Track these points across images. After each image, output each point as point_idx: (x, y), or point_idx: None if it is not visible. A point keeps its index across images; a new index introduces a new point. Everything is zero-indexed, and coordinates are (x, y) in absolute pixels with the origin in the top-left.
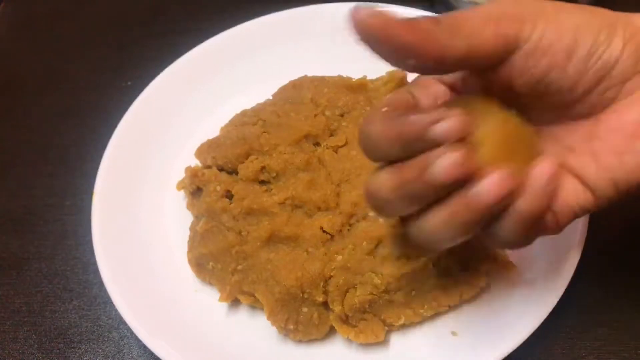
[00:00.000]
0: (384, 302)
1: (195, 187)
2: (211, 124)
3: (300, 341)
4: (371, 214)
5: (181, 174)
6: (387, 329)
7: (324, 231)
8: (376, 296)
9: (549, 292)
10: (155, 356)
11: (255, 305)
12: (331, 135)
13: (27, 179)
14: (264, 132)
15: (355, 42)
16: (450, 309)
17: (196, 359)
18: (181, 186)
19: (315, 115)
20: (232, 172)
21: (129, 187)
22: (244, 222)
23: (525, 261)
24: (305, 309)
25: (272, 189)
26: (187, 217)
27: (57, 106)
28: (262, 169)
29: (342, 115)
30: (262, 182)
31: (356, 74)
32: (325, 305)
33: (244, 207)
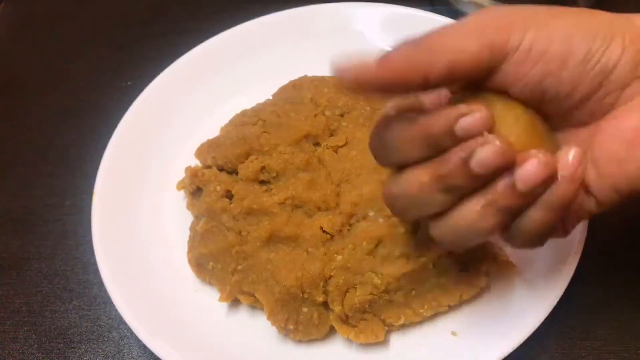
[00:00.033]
0: (384, 302)
1: (195, 187)
2: (211, 124)
3: (300, 341)
4: (371, 213)
5: (181, 174)
6: (387, 329)
7: (324, 231)
8: (376, 296)
9: (549, 292)
10: (155, 356)
11: (255, 305)
12: (331, 135)
13: (27, 179)
14: (264, 132)
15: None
16: (450, 309)
17: (196, 359)
18: (181, 186)
19: (315, 115)
20: (232, 172)
21: (129, 187)
22: (244, 222)
23: (525, 261)
24: (305, 309)
25: (272, 189)
26: (187, 217)
27: (57, 106)
28: (262, 169)
29: (342, 115)
30: (262, 182)
31: None
32: (325, 305)
33: (244, 207)
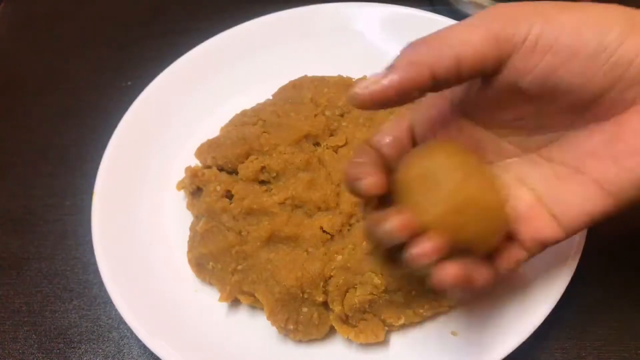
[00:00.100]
0: (384, 302)
1: (195, 187)
2: (211, 124)
3: (300, 341)
4: None
5: (181, 174)
6: (387, 329)
7: (324, 231)
8: (376, 296)
9: (549, 292)
10: (155, 356)
11: (255, 305)
12: (331, 135)
13: (27, 179)
14: (264, 132)
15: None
16: (450, 309)
17: (196, 359)
18: (181, 186)
19: (315, 115)
20: (232, 172)
21: (129, 187)
22: (244, 222)
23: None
24: (305, 309)
25: (272, 189)
26: (187, 217)
27: (57, 106)
28: (262, 169)
29: (342, 115)
30: (262, 182)
31: (356, 74)
32: (325, 305)
33: (244, 207)
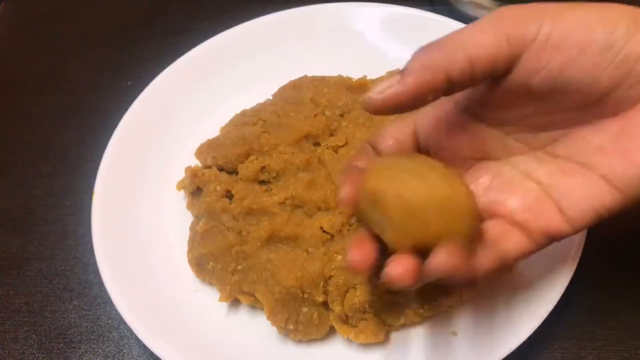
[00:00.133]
0: (384, 302)
1: (195, 187)
2: (211, 124)
3: (300, 341)
4: None
5: (181, 174)
6: (387, 329)
7: (324, 231)
8: (376, 296)
9: (549, 292)
10: (155, 356)
11: (255, 305)
12: (331, 135)
13: (27, 179)
14: (264, 132)
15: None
16: (450, 309)
17: (196, 359)
18: (181, 186)
19: (315, 115)
20: (232, 172)
21: (129, 187)
22: (244, 222)
23: (525, 261)
24: (305, 309)
25: (272, 189)
26: (187, 217)
27: (57, 106)
28: (262, 169)
29: (342, 115)
30: (262, 182)
31: (356, 74)
32: (325, 305)
33: (244, 207)
